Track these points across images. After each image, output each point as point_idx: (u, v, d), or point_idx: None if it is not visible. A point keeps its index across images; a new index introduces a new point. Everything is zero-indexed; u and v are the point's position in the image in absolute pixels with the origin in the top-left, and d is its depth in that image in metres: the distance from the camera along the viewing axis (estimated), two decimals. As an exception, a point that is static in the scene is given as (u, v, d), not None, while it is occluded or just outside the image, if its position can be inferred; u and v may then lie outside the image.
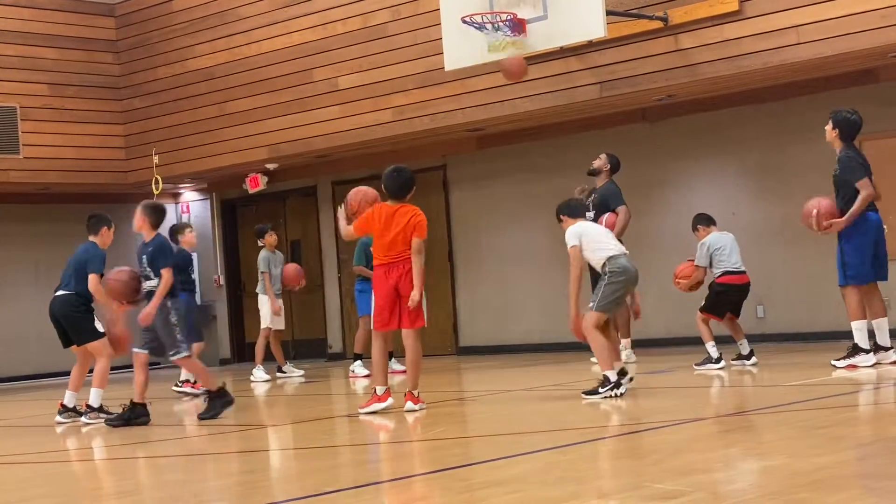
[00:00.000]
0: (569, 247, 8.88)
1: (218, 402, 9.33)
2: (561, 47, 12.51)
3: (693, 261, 10.99)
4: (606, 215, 12.04)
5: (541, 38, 12.18)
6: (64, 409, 10.01)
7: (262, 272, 13.66)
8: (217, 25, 16.50)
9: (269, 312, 13.62)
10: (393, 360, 12.11)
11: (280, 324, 13.81)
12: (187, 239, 12.46)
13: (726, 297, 10.84)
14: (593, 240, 8.94)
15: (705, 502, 4.70)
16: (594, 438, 7.16)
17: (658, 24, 12.21)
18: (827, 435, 6.27)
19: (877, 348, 9.90)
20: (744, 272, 10.92)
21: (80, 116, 17.13)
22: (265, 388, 12.95)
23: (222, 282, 18.77)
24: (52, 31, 17.05)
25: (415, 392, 8.87)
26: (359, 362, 13.24)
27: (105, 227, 10.02)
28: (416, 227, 8.83)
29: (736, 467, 5.56)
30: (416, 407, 8.88)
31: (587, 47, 12.69)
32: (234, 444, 8.49)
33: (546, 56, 12.91)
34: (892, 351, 9.92)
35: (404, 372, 11.00)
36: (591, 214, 11.62)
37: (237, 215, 19.08)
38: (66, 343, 10.07)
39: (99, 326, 9.93)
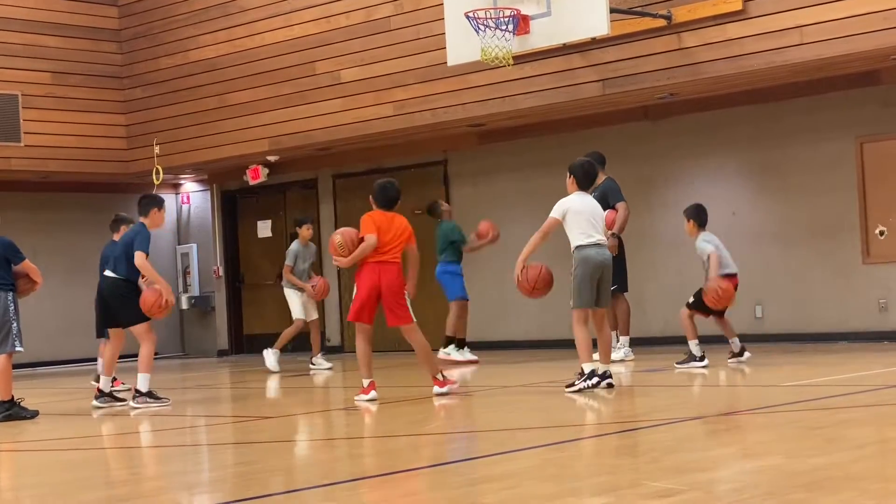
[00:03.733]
0: (550, 215, 9.11)
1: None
2: (564, 44, 12.50)
3: (720, 276, 10.51)
4: (606, 212, 12.02)
5: (543, 35, 12.18)
6: (101, 394, 10.14)
7: (286, 264, 13.67)
8: (219, 17, 16.49)
9: (299, 306, 13.62)
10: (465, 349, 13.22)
11: (313, 313, 13.83)
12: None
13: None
14: (573, 221, 9.07)
15: (701, 501, 4.71)
16: (591, 436, 7.17)
17: (661, 23, 12.20)
18: (823, 436, 6.27)
19: None
20: (736, 274, 10.88)
21: (82, 105, 17.13)
22: (276, 377, 13.06)
23: (221, 273, 18.76)
24: (56, 20, 17.05)
25: (438, 377, 9.32)
26: (452, 346, 13.40)
27: (155, 209, 10.13)
28: (410, 236, 9.36)
29: (732, 467, 5.56)
30: (444, 389, 9.28)
31: (590, 44, 12.68)
32: (231, 435, 8.50)
33: (548, 53, 12.91)
34: None
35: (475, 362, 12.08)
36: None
37: (237, 207, 19.08)
38: (105, 324, 10.27)
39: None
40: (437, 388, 9.27)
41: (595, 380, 8.97)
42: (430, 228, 16.48)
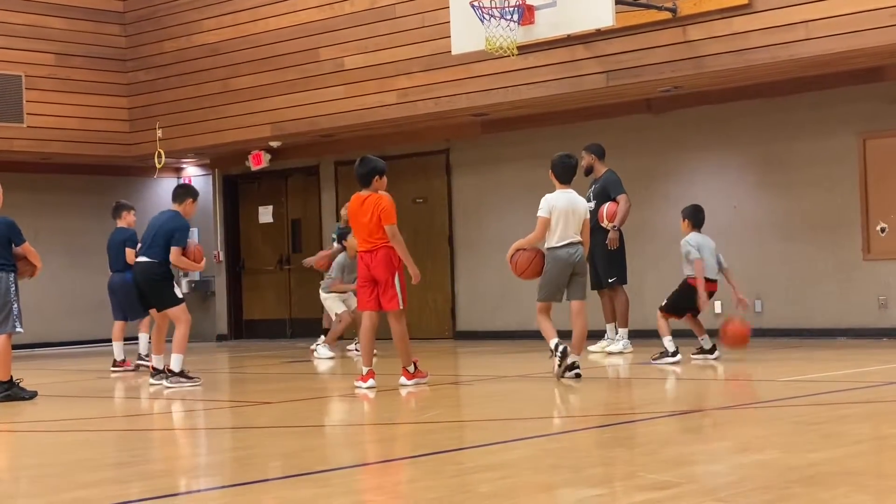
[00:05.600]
0: (538, 214, 9.48)
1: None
2: (568, 35, 12.48)
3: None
4: (607, 204, 12.04)
5: (548, 25, 12.16)
6: (156, 372, 10.37)
7: (334, 276, 13.43)
8: (224, 1, 16.46)
9: (340, 304, 13.42)
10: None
11: (353, 304, 13.67)
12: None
13: (689, 301, 10.78)
14: (553, 220, 9.40)
15: (698, 494, 4.71)
16: (588, 427, 7.18)
17: (667, 15, 12.18)
18: (821, 431, 6.27)
19: None
20: (715, 280, 10.91)
21: (85, 87, 17.12)
22: (275, 364, 13.08)
23: (222, 258, 18.76)
24: (60, 1, 17.02)
25: (409, 368, 9.31)
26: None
27: (190, 200, 10.34)
28: (381, 213, 9.19)
29: (729, 460, 5.57)
30: (410, 383, 9.27)
31: (594, 36, 12.66)
32: (227, 419, 8.51)
33: (552, 43, 12.89)
34: None
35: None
36: (591, 204, 11.63)
37: (239, 192, 19.07)
38: (146, 307, 10.50)
39: (178, 292, 10.27)
40: (403, 380, 9.28)
41: (560, 349, 9.37)
42: (430, 216, 16.49)
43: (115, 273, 12.54)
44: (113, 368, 12.42)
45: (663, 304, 10.97)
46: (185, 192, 10.40)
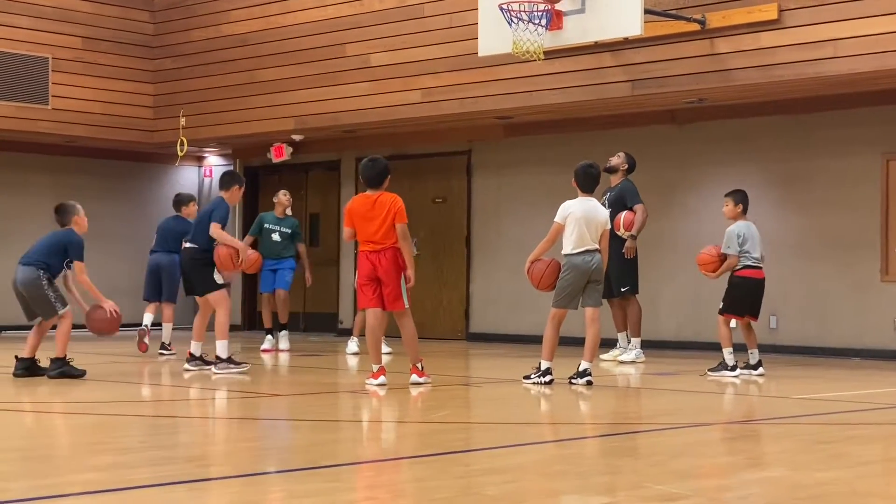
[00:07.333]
0: (554, 220, 9.55)
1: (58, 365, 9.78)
2: (595, 42, 12.47)
3: (715, 248, 10.67)
4: (624, 213, 12.03)
5: (576, 32, 12.15)
6: (192, 358, 10.60)
7: None
8: (254, -8, 16.50)
9: None
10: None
11: None
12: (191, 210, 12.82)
13: (743, 293, 10.60)
14: (569, 227, 9.45)
15: (703, 507, 4.71)
16: (597, 434, 7.17)
17: (695, 27, 12.16)
18: (830, 451, 6.26)
19: None
20: (761, 268, 10.75)
21: (111, 72, 17.17)
22: (286, 356, 13.14)
23: (239, 249, 18.77)
24: (89, -15, 17.09)
25: (418, 366, 9.35)
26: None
27: (236, 186, 10.63)
28: (396, 213, 9.23)
29: (736, 475, 5.55)
30: (421, 380, 9.31)
31: (621, 44, 12.64)
32: (239, 411, 8.53)
33: (579, 50, 12.87)
34: None
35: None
36: (607, 212, 11.60)
37: (259, 183, 19.10)
38: (189, 293, 10.69)
39: (218, 279, 10.40)
40: (414, 377, 9.34)
41: (548, 378, 9.42)
42: (449, 216, 16.50)
43: (161, 252, 12.64)
44: (161, 351, 12.50)
45: (721, 305, 10.72)
46: (231, 179, 10.69)
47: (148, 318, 12.76)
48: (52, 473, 5.43)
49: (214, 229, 10.24)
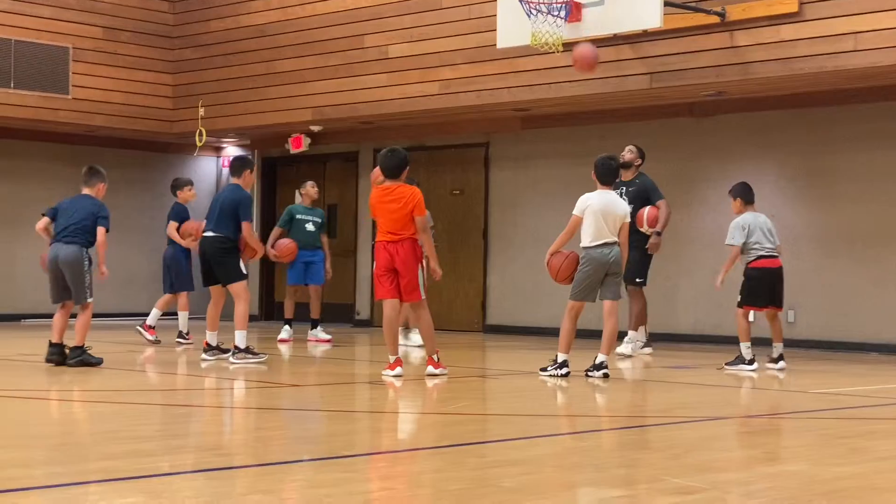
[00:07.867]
0: (573, 212, 9.57)
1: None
2: (615, 34, 12.43)
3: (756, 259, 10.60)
4: (647, 209, 11.97)
5: (595, 24, 12.12)
6: (209, 348, 10.61)
7: None
8: (272, -17, 16.52)
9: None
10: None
11: None
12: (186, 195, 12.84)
13: (759, 283, 10.53)
14: (588, 220, 9.45)
15: (720, 501, 4.70)
16: (613, 427, 7.17)
17: (714, 19, 12.11)
18: (849, 445, 6.24)
19: None
20: (776, 256, 10.69)
21: (132, 62, 17.22)
22: (302, 346, 13.12)
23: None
24: (110, -25, 17.12)
25: (434, 357, 9.37)
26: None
27: (248, 171, 10.62)
28: (415, 206, 9.22)
29: (754, 469, 5.55)
30: (437, 371, 9.34)
31: (640, 36, 12.60)
32: (255, 400, 8.56)
33: (598, 42, 12.83)
34: None
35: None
36: (626, 206, 11.55)
37: (277, 174, 19.14)
38: (207, 282, 10.59)
39: (243, 268, 10.39)
40: (430, 368, 9.37)
41: (565, 370, 9.42)
42: (467, 208, 16.51)
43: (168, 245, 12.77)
44: (179, 339, 12.56)
45: (739, 298, 10.67)
46: (241, 165, 10.61)
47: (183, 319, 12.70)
48: (73, 461, 5.46)
49: (247, 230, 10.22)
